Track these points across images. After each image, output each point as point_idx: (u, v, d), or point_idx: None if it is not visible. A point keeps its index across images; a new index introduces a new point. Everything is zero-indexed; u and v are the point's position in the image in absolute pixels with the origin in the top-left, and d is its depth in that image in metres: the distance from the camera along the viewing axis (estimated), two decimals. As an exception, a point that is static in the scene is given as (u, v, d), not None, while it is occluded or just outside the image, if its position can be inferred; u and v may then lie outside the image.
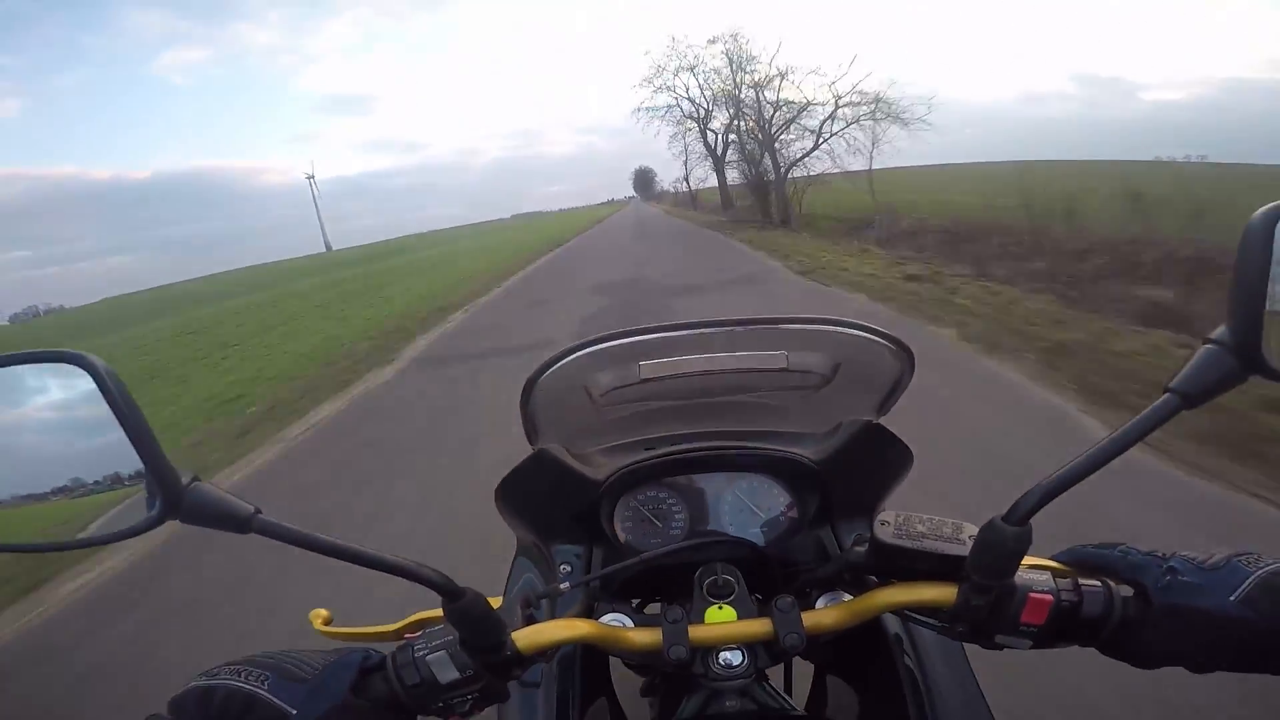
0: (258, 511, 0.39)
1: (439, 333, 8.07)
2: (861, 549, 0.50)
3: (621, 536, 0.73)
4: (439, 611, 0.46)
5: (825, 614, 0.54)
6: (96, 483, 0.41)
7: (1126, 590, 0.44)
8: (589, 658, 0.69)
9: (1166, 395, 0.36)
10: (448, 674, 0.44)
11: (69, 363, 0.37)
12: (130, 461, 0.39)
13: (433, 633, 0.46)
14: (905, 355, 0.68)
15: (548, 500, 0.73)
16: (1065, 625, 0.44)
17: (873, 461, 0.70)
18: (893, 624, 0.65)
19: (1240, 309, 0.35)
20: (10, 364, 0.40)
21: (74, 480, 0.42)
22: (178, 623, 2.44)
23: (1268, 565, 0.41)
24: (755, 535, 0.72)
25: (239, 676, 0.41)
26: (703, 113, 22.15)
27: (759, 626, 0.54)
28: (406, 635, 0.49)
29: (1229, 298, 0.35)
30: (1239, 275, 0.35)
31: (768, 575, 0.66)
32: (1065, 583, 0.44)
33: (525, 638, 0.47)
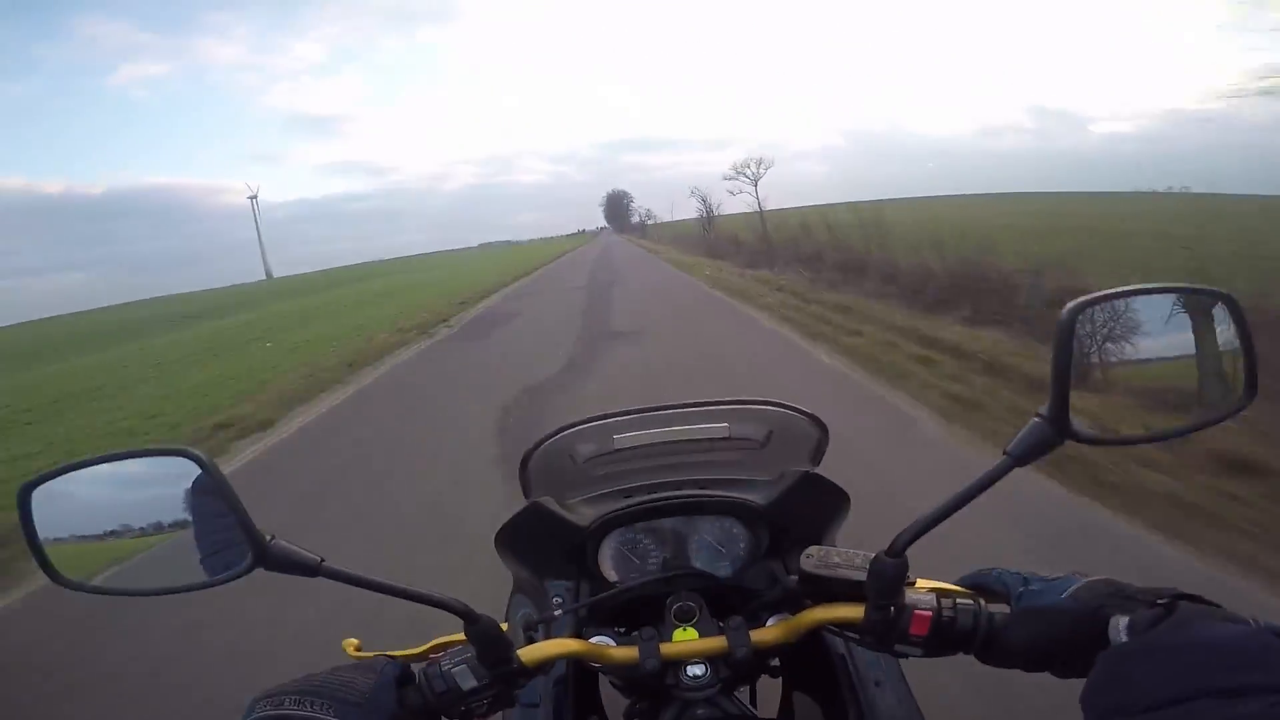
0: (323, 560, 0.50)
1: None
2: (795, 578, 0.62)
3: (606, 573, 0.84)
4: (453, 635, 0.58)
5: (768, 631, 0.65)
6: (143, 529, 0.52)
7: (1001, 607, 0.53)
8: (580, 681, 0.80)
9: (1003, 458, 0.46)
10: (468, 682, 0.55)
11: (183, 456, 0.50)
12: (171, 512, 0.51)
13: (455, 651, 0.58)
14: (818, 423, 0.86)
15: (541, 544, 0.85)
16: (947, 636, 0.53)
17: (812, 502, 0.83)
18: (838, 644, 0.75)
19: (1055, 388, 0.43)
20: (130, 457, 0.53)
21: (122, 526, 0.53)
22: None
23: (1093, 576, 0.51)
24: (720, 568, 0.83)
25: (305, 706, 0.47)
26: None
27: (716, 643, 0.65)
28: (431, 656, 0.60)
29: (1050, 379, 0.43)
30: (1054, 361, 0.43)
31: (729, 602, 0.75)
32: (947, 601, 0.54)
33: (528, 653, 0.59)
